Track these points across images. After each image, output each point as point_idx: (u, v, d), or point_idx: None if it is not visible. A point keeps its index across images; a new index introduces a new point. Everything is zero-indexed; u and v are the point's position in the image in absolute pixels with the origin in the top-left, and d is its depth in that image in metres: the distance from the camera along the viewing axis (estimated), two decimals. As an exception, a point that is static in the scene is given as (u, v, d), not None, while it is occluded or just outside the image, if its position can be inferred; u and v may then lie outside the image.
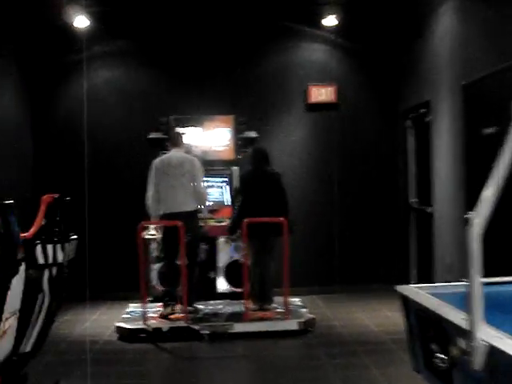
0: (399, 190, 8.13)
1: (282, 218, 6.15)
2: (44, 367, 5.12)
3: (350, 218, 8.17)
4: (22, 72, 7.78)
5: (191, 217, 6.39)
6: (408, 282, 7.85)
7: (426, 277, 7.53)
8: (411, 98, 7.68)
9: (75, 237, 3.77)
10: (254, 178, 6.65)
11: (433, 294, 2.95)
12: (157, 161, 6.59)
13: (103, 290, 7.89)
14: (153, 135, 7.63)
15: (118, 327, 6.11)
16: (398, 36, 7.91)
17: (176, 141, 6.72)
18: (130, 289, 6.91)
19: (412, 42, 7.63)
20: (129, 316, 6.51)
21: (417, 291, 2.99)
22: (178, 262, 6.36)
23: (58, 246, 3.40)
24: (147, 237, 7.15)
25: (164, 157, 6.64)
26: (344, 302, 7.50)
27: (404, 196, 8.02)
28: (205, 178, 7.37)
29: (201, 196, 6.57)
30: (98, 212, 7.94)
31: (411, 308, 2.99)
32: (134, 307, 6.75)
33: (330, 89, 8.06)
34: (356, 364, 5.13)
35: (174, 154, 6.61)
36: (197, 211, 6.58)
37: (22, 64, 7.76)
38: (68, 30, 7.64)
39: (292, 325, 6.06)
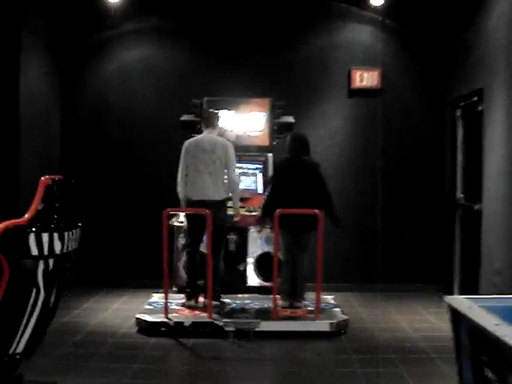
0: (445, 185, 7.57)
1: (317, 211, 5.69)
2: (55, 360, 4.81)
3: (391, 213, 7.65)
4: (51, 49, 7.47)
5: (220, 206, 6.00)
6: (451, 284, 7.34)
7: (470, 279, 7.00)
8: (462, 85, 7.10)
9: (79, 225, 3.36)
10: (290, 166, 6.18)
11: (488, 309, 2.48)
12: (188, 142, 6.21)
13: (128, 277, 7.62)
14: (185, 117, 7.20)
15: (138, 319, 5.75)
16: (449, 18, 7.32)
17: (210, 121, 6.30)
18: (156, 277, 6.50)
19: (465, 25, 7.04)
20: (151, 307, 6.15)
21: (469, 305, 2.52)
22: (204, 251, 5.99)
23: (56, 235, 3.01)
24: (176, 224, 6.80)
25: (195, 138, 6.25)
26: (381, 303, 7.01)
27: (450, 191, 7.47)
28: (237, 165, 7.02)
29: (233, 185, 6.17)
30: (126, 197, 7.66)
31: (462, 324, 2.52)
32: (158, 297, 6.39)
33: (374, 73, 7.53)
34: (391, 374, 4.65)
35: (206, 136, 6.21)
36: (226, 200, 6.18)
37: (51, 40, 7.45)
38: (100, 5, 7.32)
39: (323, 326, 5.61)
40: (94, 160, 7.69)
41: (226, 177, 6.16)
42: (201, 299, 6.12)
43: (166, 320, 5.66)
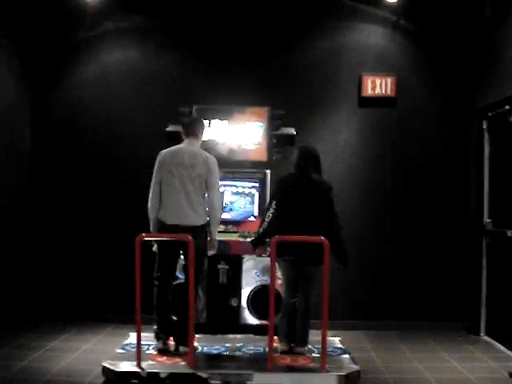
0: (469, 208, 6.59)
1: (322, 238, 4.71)
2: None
3: (406, 240, 6.67)
4: (20, 50, 6.58)
5: (199, 232, 5.03)
6: (477, 322, 6.36)
7: (499, 317, 6.03)
8: (491, 93, 6.17)
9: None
10: (295, 184, 5.21)
11: None
12: (163, 153, 5.24)
13: (108, 310, 6.64)
14: (171, 128, 6.13)
15: (105, 368, 4.75)
16: (474, 17, 6.42)
17: (192, 129, 5.32)
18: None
19: (494, 24, 6.14)
20: (123, 351, 5.15)
21: None
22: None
23: None
24: (155, 250, 5.79)
25: (173, 149, 5.26)
26: (397, 344, 6.00)
27: (475, 215, 6.48)
28: (230, 183, 6.09)
29: (213, 209, 5.19)
30: (103, 217, 6.72)
31: None
32: (135, 338, 5.39)
33: (387, 80, 6.60)
34: None
35: (185, 147, 5.25)
36: (206, 226, 5.22)
37: (20, 40, 6.57)
38: (77, 2, 6.42)
39: (330, 380, 4.58)
40: (67, 175, 6.77)
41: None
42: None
43: (137, 370, 4.65)
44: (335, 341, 5.60)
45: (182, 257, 5.29)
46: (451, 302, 6.61)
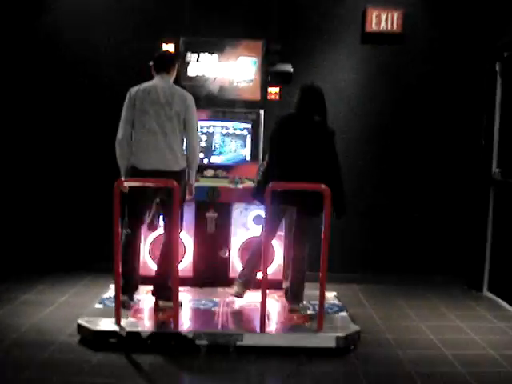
0: (478, 156, 6.11)
1: (323, 185, 4.23)
2: None
3: (408, 188, 6.22)
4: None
5: (178, 178, 4.50)
6: (480, 278, 6.00)
7: (504, 271, 5.66)
8: (508, 30, 5.62)
9: None
10: (296, 125, 4.69)
11: None
12: (134, 90, 4.67)
13: (89, 259, 6.18)
14: None
15: (80, 326, 4.31)
16: None
17: (163, 63, 4.75)
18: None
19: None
20: (101, 306, 4.72)
21: None
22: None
23: None
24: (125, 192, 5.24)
25: (145, 85, 4.68)
26: (397, 301, 5.61)
27: (484, 164, 6.02)
28: (220, 123, 5.57)
29: (192, 152, 4.69)
30: (79, 160, 6.18)
31: None
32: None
33: (394, 14, 6.01)
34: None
35: (159, 83, 4.68)
36: (185, 170, 4.72)
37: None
38: None
39: (328, 341, 4.19)
40: (35, 108, 6.16)
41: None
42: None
43: (116, 329, 4.22)
44: (331, 296, 5.22)
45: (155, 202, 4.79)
46: (453, 255, 6.22)
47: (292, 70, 5.62)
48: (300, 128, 4.67)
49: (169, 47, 5.48)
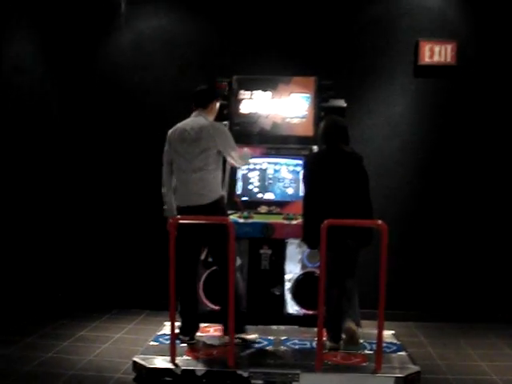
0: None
1: (380, 222, 4.15)
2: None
3: (465, 223, 6.06)
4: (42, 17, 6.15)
5: (212, 210, 4.52)
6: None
7: None
8: None
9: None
10: (327, 160, 4.68)
11: None
12: (170, 131, 4.77)
13: (142, 296, 6.23)
14: None
15: (136, 363, 4.31)
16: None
17: (201, 99, 4.75)
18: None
19: None
20: (156, 343, 4.71)
21: None
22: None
23: None
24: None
25: (178, 125, 4.75)
26: (457, 339, 5.42)
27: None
28: (273, 160, 5.60)
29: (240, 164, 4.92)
30: (134, 199, 6.28)
31: None
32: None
33: (448, 46, 5.95)
34: None
35: (191, 121, 4.72)
36: (221, 199, 4.71)
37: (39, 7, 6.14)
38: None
39: (386, 382, 4.05)
40: (96, 152, 6.33)
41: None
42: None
43: (171, 366, 4.20)
44: (389, 335, 5.08)
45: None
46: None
47: (345, 104, 5.60)
48: (330, 161, 4.66)
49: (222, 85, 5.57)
